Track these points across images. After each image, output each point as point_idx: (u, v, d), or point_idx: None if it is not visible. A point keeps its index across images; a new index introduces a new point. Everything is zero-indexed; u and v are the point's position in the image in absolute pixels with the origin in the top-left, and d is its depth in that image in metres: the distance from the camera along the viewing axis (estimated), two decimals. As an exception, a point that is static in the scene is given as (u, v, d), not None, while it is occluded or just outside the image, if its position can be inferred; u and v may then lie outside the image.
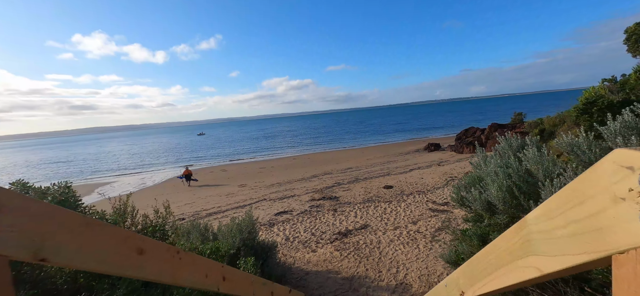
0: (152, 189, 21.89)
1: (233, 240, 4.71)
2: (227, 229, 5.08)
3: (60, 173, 36.29)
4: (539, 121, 11.69)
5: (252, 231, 5.52)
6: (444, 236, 6.66)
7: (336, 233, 8.37)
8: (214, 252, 3.50)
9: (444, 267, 5.20)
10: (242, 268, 3.36)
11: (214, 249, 3.54)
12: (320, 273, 5.64)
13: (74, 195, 2.32)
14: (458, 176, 14.82)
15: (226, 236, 4.86)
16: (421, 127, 60.98)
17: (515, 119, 23.44)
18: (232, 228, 5.01)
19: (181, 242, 3.46)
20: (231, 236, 4.78)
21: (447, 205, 10.17)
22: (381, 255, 6.07)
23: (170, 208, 3.80)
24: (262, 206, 13.08)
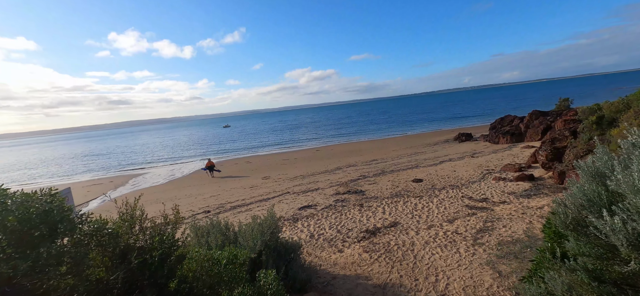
0: (180, 181, 22.49)
1: (254, 242, 4.32)
2: (248, 229, 4.72)
3: (99, 165, 38.69)
4: (596, 107, 10.26)
5: (274, 231, 5.12)
6: (488, 239, 5.90)
7: (364, 231, 7.83)
8: (231, 261, 3.10)
9: (493, 277, 4.50)
10: (261, 281, 2.94)
11: (231, 257, 3.14)
12: (349, 278, 5.15)
13: (61, 203, 1.96)
14: (495, 168, 13.64)
15: (247, 237, 4.49)
16: (449, 117, 58.11)
17: (561, 105, 21.31)
18: (254, 228, 4.63)
19: (196, 249, 3.09)
20: (252, 238, 4.40)
21: (486, 202, 9.26)
22: (416, 259, 5.46)
23: (194, 202, 3.46)
24: (286, 199, 12.80)
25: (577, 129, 10.67)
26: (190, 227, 4.81)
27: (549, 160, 10.82)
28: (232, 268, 3.02)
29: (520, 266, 4.68)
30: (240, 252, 3.26)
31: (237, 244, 4.50)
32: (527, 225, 6.25)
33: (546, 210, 6.94)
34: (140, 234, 2.65)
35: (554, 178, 10.09)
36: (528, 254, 5.05)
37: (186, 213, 12.61)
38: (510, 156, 16.21)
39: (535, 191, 9.55)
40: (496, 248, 5.44)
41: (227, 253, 3.20)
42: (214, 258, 3.11)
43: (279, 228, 5.29)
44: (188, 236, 4.80)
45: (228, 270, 2.99)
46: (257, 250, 4.24)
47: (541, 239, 5.47)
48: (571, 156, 9.78)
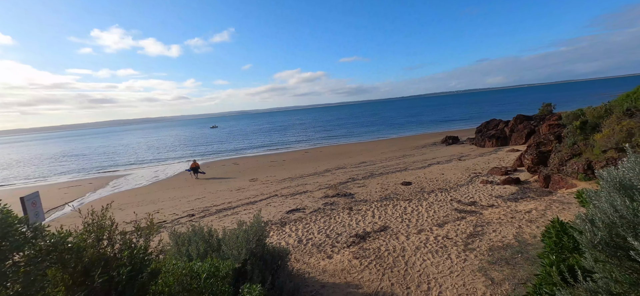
0: (164, 183, 21.78)
1: (238, 251, 4.07)
2: (233, 237, 4.45)
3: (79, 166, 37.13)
4: (580, 112, 10.51)
5: (261, 238, 4.88)
6: (479, 244, 5.84)
7: (353, 235, 7.67)
8: (212, 274, 2.85)
9: (485, 285, 4.41)
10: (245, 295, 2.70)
11: (212, 270, 2.89)
12: (338, 287, 4.96)
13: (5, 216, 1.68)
14: (482, 171, 13.78)
15: (231, 245, 4.23)
16: (437, 120, 59.04)
17: (544, 110, 21.88)
18: (238, 235, 4.37)
19: (173, 261, 2.82)
20: (236, 246, 4.14)
21: (475, 205, 9.28)
22: (407, 266, 5.32)
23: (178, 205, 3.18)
24: (274, 202, 12.51)
25: (562, 134, 10.88)
26: (170, 235, 4.51)
27: (534, 164, 10.99)
28: (213, 282, 2.77)
29: (513, 273, 4.61)
30: (222, 264, 3.02)
31: (220, 252, 4.24)
32: (516, 230, 6.23)
33: (534, 214, 6.96)
34: (109, 248, 2.37)
35: (540, 181, 10.24)
36: (519, 260, 5.00)
37: (169, 216, 12.14)
38: (496, 159, 16.46)
39: (522, 195, 9.65)
40: (487, 254, 5.37)
41: (208, 266, 2.95)
42: (194, 271, 2.86)
43: (266, 233, 5.05)
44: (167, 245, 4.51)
45: (209, 285, 2.74)
46: (241, 259, 3.99)
47: (532, 245, 5.44)
48: (556, 160, 9.95)
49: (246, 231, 4.45)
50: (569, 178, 9.24)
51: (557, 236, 2.46)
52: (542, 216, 6.76)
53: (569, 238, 2.42)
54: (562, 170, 9.57)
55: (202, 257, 4.33)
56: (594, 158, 8.55)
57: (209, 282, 2.73)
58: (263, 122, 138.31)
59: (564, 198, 7.83)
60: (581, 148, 9.01)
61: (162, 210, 13.37)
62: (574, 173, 9.10)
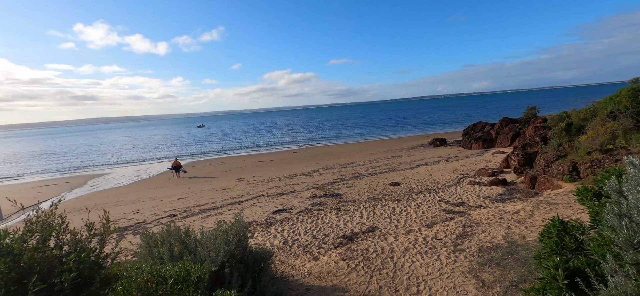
0: (146, 182, 21.00)
1: (216, 253, 3.75)
2: (211, 237, 4.13)
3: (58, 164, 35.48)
4: (565, 115, 10.67)
5: (242, 239, 4.57)
6: (469, 245, 5.70)
7: (341, 236, 7.43)
8: (182, 279, 2.54)
9: (477, 287, 4.24)
10: None
11: (182, 274, 2.58)
12: (324, 290, 4.70)
13: None
14: (469, 173, 13.84)
15: (208, 247, 3.91)
16: (425, 123, 59.79)
17: (528, 114, 22.34)
18: (217, 235, 4.05)
19: (137, 266, 2.50)
20: (214, 248, 3.82)
21: (463, 206, 9.22)
22: (396, 268, 5.12)
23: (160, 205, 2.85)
24: (259, 202, 12.15)
25: (547, 136, 11.01)
26: (141, 236, 4.14)
27: (520, 165, 11.08)
28: (181, 288, 2.46)
29: (503, 275, 4.48)
30: (194, 267, 2.71)
31: (196, 255, 3.90)
32: (505, 230, 6.14)
33: (522, 215, 6.91)
34: (56, 251, 2.04)
35: (526, 182, 10.31)
36: (509, 261, 4.88)
37: (149, 216, 11.59)
38: (483, 161, 16.62)
39: (509, 196, 9.67)
40: (477, 255, 5.23)
41: (178, 270, 2.63)
42: (161, 275, 2.54)
43: (248, 235, 4.74)
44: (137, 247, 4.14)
45: (177, 291, 2.43)
46: (219, 262, 3.68)
47: (521, 246, 5.34)
48: (542, 162, 10.03)
49: (226, 231, 4.14)
50: (554, 179, 9.32)
51: (558, 236, 2.28)
52: (530, 217, 6.72)
53: (570, 238, 2.25)
54: (547, 171, 9.65)
55: (176, 260, 4.00)
56: (579, 159, 8.63)
57: (177, 288, 2.42)
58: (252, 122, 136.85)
59: (550, 198, 7.85)
60: (566, 150, 9.10)
61: (142, 210, 12.78)
62: (559, 174, 9.18)
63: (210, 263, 3.60)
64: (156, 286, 2.41)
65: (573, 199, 7.44)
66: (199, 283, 2.73)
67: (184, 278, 2.64)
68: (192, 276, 2.64)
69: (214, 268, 3.57)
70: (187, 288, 2.61)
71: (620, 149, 7.45)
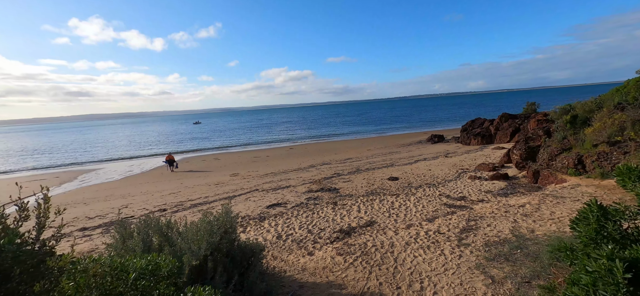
0: (137, 177, 20.46)
1: (198, 246, 3.34)
2: (194, 230, 3.72)
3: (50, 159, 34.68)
4: (569, 107, 10.37)
5: (230, 231, 4.16)
6: (474, 239, 5.34)
7: (337, 231, 7.05)
8: (150, 273, 2.13)
9: (486, 284, 3.88)
10: None
11: (151, 267, 2.17)
12: (319, 287, 4.32)
13: None
14: (469, 168, 13.52)
15: (190, 239, 3.49)
16: (422, 120, 59.59)
17: (528, 109, 22.10)
18: (200, 228, 3.64)
19: (93, 257, 2.08)
20: (196, 240, 3.41)
21: (464, 200, 8.88)
22: (397, 263, 4.74)
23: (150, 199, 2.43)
24: (253, 197, 11.73)
25: (551, 129, 10.71)
26: (116, 226, 3.72)
27: (522, 159, 10.76)
28: (147, 284, 2.05)
29: (514, 270, 4.12)
30: (165, 260, 2.29)
31: (176, 248, 3.49)
32: (512, 224, 5.80)
33: (528, 208, 6.57)
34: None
35: (528, 177, 9.99)
36: (519, 256, 4.52)
37: (138, 211, 11.11)
38: (482, 156, 16.32)
39: (511, 190, 9.35)
40: (484, 250, 4.87)
41: (145, 262, 2.22)
42: (125, 268, 2.12)
43: (240, 230, 4.34)
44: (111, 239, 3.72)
45: (141, 287, 2.02)
46: (201, 255, 3.26)
47: (531, 240, 4.98)
48: (545, 156, 9.72)
49: (210, 222, 3.72)
50: (558, 173, 9.01)
51: (598, 223, 1.89)
52: (536, 211, 6.38)
53: (614, 225, 1.86)
54: (551, 165, 9.34)
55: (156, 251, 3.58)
56: (585, 152, 8.33)
57: (141, 284, 2.01)
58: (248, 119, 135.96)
59: (556, 192, 7.52)
60: (571, 143, 8.79)
61: (132, 205, 12.30)
62: (563, 168, 8.87)
63: (191, 256, 3.19)
64: (115, 281, 2.00)
65: (581, 193, 7.12)
66: (171, 278, 2.32)
67: (152, 271, 2.23)
68: (162, 269, 2.23)
69: (194, 262, 3.16)
70: (157, 284, 2.20)
71: (629, 141, 7.16)
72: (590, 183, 7.67)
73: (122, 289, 1.98)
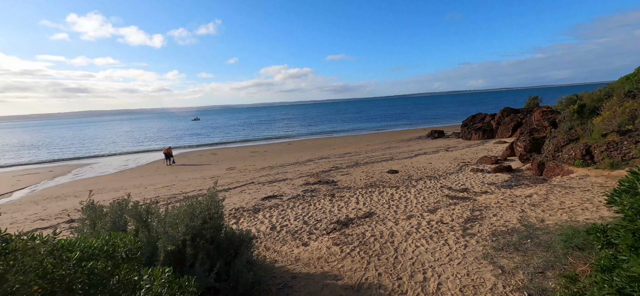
0: (133, 171, 20.07)
1: (175, 230, 2.98)
2: (174, 213, 3.36)
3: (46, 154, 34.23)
4: (575, 97, 10.01)
5: (216, 217, 3.81)
6: (479, 229, 4.99)
7: (334, 222, 6.71)
8: (106, 254, 1.77)
9: (495, 274, 3.53)
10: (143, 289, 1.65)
11: (106, 248, 1.81)
12: (313, 277, 3.97)
13: None
14: (471, 161, 13.18)
15: (168, 222, 3.14)
16: (422, 117, 59.21)
17: (531, 103, 21.75)
18: (180, 212, 3.28)
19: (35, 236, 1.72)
20: (173, 224, 3.06)
21: (467, 192, 8.54)
22: (397, 253, 4.40)
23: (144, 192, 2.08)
24: (249, 189, 11.37)
25: (556, 120, 10.36)
26: (84, 209, 3.36)
27: (527, 151, 10.42)
28: (96, 266, 1.69)
29: (525, 261, 3.78)
30: (124, 240, 1.93)
31: (153, 232, 3.13)
32: (520, 214, 5.46)
33: (536, 199, 6.23)
34: None
35: (533, 169, 9.65)
36: (529, 245, 4.18)
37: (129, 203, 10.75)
38: (484, 150, 15.98)
39: (516, 182, 9.01)
40: (491, 239, 4.53)
41: (100, 242, 1.86)
42: (69, 248, 1.76)
43: (223, 213, 3.98)
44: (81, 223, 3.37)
45: (87, 270, 1.66)
46: (179, 241, 2.91)
47: (541, 230, 4.64)
48: (551, 147, 9.37)
49: (191, 205, 3.37)
50: (564, 165, 8.67)
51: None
52: (544, 201, 6.04)
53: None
54: (557, 156, 9.00)
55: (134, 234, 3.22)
56: (593, 142, 7.99)
57: (87, 267, 1.65)
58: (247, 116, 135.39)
59: (564, 182, 7.18)
60: (578, 133, 8.45)
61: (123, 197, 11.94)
62: (570, 159, 8.53)
63: (167, 240, 2.83)
64: (57, 262, 1.64)
65: (590, 183, 6.78)
66: (133, 261, 1.96)
67: (109, 253, 1.87)
68: (119, 251, 1.87)
69: (170, 247, 2.80)
70: (116, 268, 1.85)
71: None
72: (599, 174, 7.34)
73: (64, 272, 1.62)
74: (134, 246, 1.88)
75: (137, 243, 1.91)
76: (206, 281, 2.89)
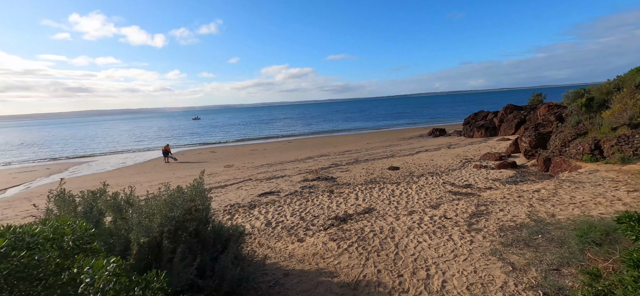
0: (130, 169, 19.82)
1: (150, 220, 2.69)
2: (154, 204, 3.07)
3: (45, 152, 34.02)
4: (582, 91, 9.69)
5: (201, 209, 3.52)
6: (486, 224, 4.69)
7: (332, 218, 6.41)
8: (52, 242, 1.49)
9: (505, 271, 3.23)
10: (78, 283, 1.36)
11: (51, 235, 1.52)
12: (307, 274, 3.67)
13: None
14: (474, 157, 12.86)
15: (142, 212, 2.85)
16: (423, 116, 58.82)
17: (534, 100, 21.39)
18: (160, 201, 2.99)
19: None
20: (148, 213, 2.77)
21: (470, 188, 8.23)
22: (398, 249, 4.10)
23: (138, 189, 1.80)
24: (246, 186, 11.09)
25: (563, 114, 10.03)
26: (54, 198, 3.08)
27: (532, 147, 10.09)
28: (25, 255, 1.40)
29: (537, 257, 3.47)
30: (73, 226, 1.64)
31: (128, 223, 2.84)
32: (528, 209, 5.14)
33: (544, 193, 5.92)
34: None
35: (539, 165, 9.33)
36: (541, 241, 3.87)
37: (123, 200, 10.48)
38: (487, 147, 15.66)
39: (521, 178, 8.69)
40: (498, 235, 4.22)
41: (42, 230, 1.56)
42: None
43: (209, 204, 3.70)
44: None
45: (16, 261, 1.37)
46: (154, 232, 2.61)
47: (552, 225, 4.33)
48: (557, 142, 9.05)
49: (172, 195, 3.08)
50: (572, 160, 8.35)
51: None
52: (554, 195, 5.72)
53: None
54: (564, 152, 8.67)
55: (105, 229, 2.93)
56: (602, 137, 7.66)
57: (18, 256, 1.35)
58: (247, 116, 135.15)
59: (573, 177, 6.86)
60: (587, 127, 8.13)
61: (117, 194, 11.67)
62: (578, 154, 8.20)
63: (140, 232, 2.54)
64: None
65: (601, 177, 6.46)
66: (88, 252, 1.66)
67: (57, 242, 1.58)
68: (66, 239, 1.57)
69: (142, 239, 2.50)
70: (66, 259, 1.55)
71: (653, 122, 6.51)
72: (609, 168, 7.02)
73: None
74: (85, 234, 1.59)
75: (89, 231, 1.62)
76: (185, 277, 2.60)
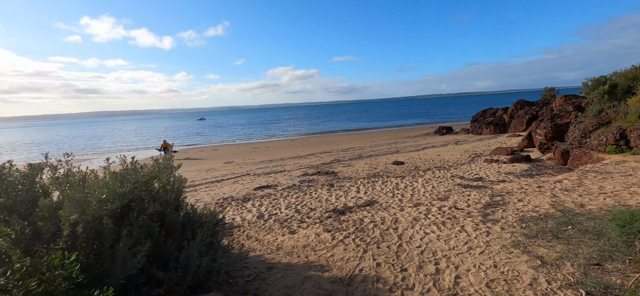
0: (129, 165, 19.51)
1: (85, 198, 2.16)
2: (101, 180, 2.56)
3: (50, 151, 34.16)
4: (603, 79, 8.96)
5: (169, 189, 3.00)
6: (503, 214, 4.07)
7: (330, 211, 5.83)
8: None
9: (533, 266, 2.62)
10: None
11: None
12: (294, 268, 3.12)
13: None
14: (484, 152, 12.15)
15: (89, 188, 2.32)
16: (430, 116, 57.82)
17: (547, 95, 20.54)
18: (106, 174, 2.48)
19: None
20: (89, 188, 2.25)
21: (482, 181, 7.57)
22: (402, 240, 3.51)
23: None
24: (243, 180, 10.58)
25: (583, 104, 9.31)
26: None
27: (548, 140, 9.38)
28: None
29: (571, 250, 2.86)
30: None
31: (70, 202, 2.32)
32: (551, 199, 4.51)
33: (567, 184, 5.26)
34: None
35: (556, 158, 8.62)
36: (572, 233, 3.25)
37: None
38: (497, 142, 14.92)
39: (537, 172, 8.00)
40: (520, 226, 3.61)
41: None
42: None
43: (181, 184, 3.18)
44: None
45: None
46: (91, 209, 2.08)
47: (584, 216, 3.70)
48: (576, 133, 8.34)
49: (125, 167, 2.55)
50: (593, 152, 7.64)
51: None
52: (579, 186, 5.07)
53: None
54: (584, 143, 7.97)
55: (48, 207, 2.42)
56: (629, 126, 6.96)
57: None
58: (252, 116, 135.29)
59: (597, 168, 6.18)
60: (610, 116, 7.43)
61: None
62: (601, 145, 7.50)
63: (71, 209, 2.01)
64: None
65: (630, 167, 5.78)
66: None
67: None
68: None
69: (73, 217, 1.97)
70: None
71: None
72: (638, 159, 6.32)
73: None
74: None
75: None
76: (131, 265, 2.07)
